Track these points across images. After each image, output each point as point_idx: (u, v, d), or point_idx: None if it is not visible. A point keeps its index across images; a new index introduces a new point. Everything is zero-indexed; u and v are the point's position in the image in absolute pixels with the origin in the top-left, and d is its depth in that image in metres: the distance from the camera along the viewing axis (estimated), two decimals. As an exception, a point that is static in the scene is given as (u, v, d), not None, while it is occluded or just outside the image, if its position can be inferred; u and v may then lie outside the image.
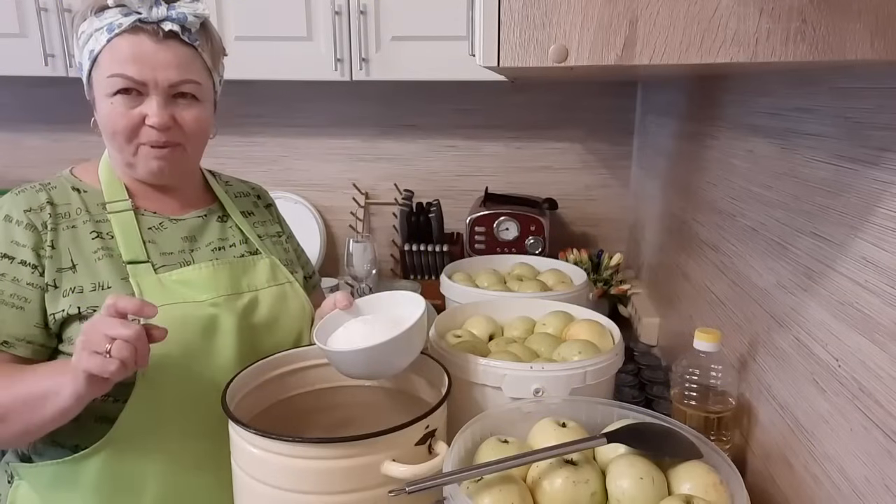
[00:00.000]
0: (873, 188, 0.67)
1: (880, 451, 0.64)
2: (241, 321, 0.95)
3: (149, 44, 0.88)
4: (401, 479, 0.72)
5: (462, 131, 2.05)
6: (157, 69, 0.88)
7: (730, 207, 1.11)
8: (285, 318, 1.00)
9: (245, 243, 1.03)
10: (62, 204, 0.93)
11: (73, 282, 0.89)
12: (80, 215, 0.93)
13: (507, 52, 0.56)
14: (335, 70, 1.65)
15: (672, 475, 0.72)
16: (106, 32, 0.88)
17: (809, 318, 0.80)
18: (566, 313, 1.12)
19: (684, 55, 0.54)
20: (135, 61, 0.88)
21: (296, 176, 2.11)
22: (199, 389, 0.90)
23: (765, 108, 0.98)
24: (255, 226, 1.08)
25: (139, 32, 0.88)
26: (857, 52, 0.52)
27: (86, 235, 0.92)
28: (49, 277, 0.88)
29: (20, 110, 2.12)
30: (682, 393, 0.93)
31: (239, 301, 0.96)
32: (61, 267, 0.89)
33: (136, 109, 0.89)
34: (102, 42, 0.88)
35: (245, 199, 1.12)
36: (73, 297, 0.88)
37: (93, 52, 0.89)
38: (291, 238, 1.17)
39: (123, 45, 0.88)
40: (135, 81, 0.88)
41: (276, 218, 1.16)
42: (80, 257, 0.90)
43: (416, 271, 1.93)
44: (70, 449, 0.90)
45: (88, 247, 0.91)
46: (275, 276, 1.02)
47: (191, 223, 1.00)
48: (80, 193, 0.95)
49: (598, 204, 2.07)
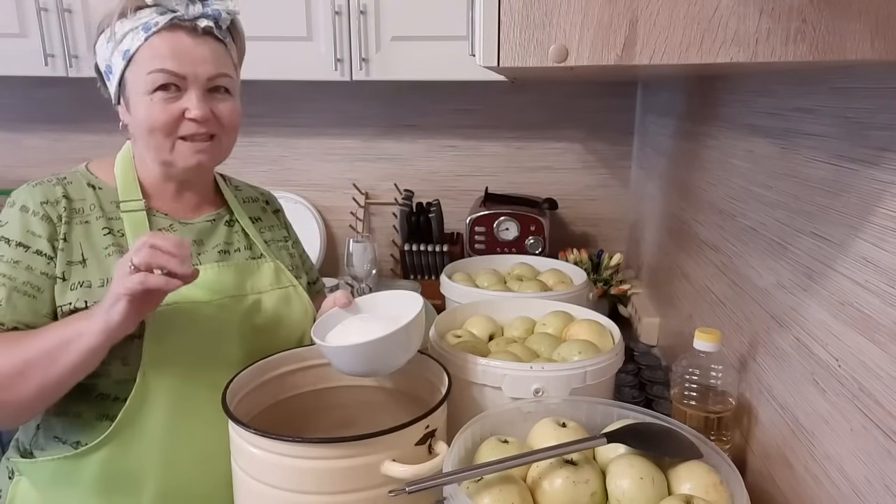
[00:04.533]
0: (873, 188, 0.67)
1: (880, 451, 0.64)
2: (244, 323, 0.96)
3: (187, 40, 0.90)
4: (401, 479, 0.72)
5: (462, 131, 2.04)
6: (195, 64, 0.91)
7: (730, 207, 1.11)
8: (288, 320, 1.01)
9: (250, 249, 1.04)
10: (77, 199, 0.94)
11: (82, 276, 0.90)
12: (94, 211, 0.94)
13: (507, 52, 0.56)
14: (335, 70, 1.65)
15: (672, 475, 0.72)
16: (142, 31, 0.89)
17: (809, 318, 0.80)
18: (566, 313, 1.12)
19: (684, 55, 0.54)
20: (174, 56, 0.89)
21: (296, 176, 2.11)
22: (200, 389, 0.91)
23: (765, 108, 0.98)
24: (261, 231, 1.09)
25: (176, 30, 0.90)
26: (857, 52, 0.52)
27: (98, 231, 0.93)
28: (59, 269, 0.89)
29: (20, 110, 2.12)
30: (682, 393, 0.93)
31: (242, 303, 0.96)
32: (72, 260, 0.90)
33: (176, 104, 0.91)
34: (140, 41, 0.89)
35: (254, 204, 1.13)
36: (81, 291, 0.89)
37: (128, 51, 0.90)
38: (297, 244, 1.18)
39: (162, 43, 0.89)
40: (175, 76, 0.89)
41: (283, 224, 1.17)
42: (91, 252, 0.92)
43: (416, 271, 1.93)
44: (72, 445, 0.90)
45: (100, 242, 0.93)
46: (279, 279, 1.03)
47: (200, 227, 1.01)
48: (95, 190, 0.96)
49: (598, 204, 2.07)
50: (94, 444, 0.88)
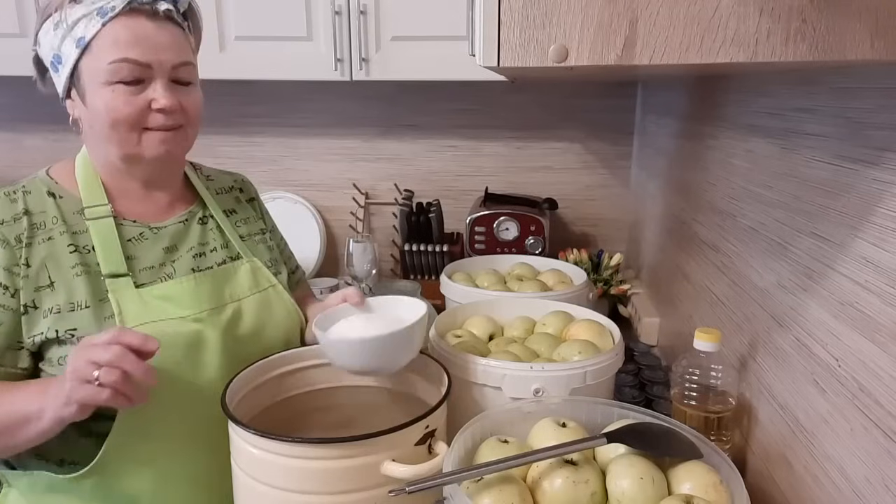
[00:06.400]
0: (873, 188, 0.67)
1: (880, 451, 0.64)
2: (226, 334, 0.92)
3: (148, 25, 0.85)
4: (401, 479, 0.72)
5: (462, 131, 2.04)
6: (159, 51, 0.85)
7: (730, 207, 1.11)
8: (271, 326, 0.98)
9: (226, 247, 1.00)
10: (38, 213, 0.88)
11: (52, 301, 0.85)
12: (57, 225, 0.88)
13: (507, 52, 0.56)
14: (335, 70, 1.65)
15: (672, 475, 0.72)
16: (98, 17, 0.83)
17: (809, 318, 0.80)
18: (566, 313, 1.12)
19: (684, 55, 0.54)
20: (136, 44, 0.84)
21: (296, 176, 2.11)
22: (186, 406, 0.88)
23: (765, 108, 0.98)
24: (237, 225, 1.05)
25: (135, 14, 0.85)
26: (857, 52, 0.52)
27: (63, 249, 0.87)
28: (27, 298, 0.84)
29: (20, 110, 2.12)
30: (682, 393, 0.93)
31: (223, 314, 0.93)
32: (39, 286, 0.85)
33: (141, 95, 0.86)
34: (96, 27, 0.83)
35: (227, 195, 1.08)
36: (52, 319, 0.84)
37: (83, 39, 0.84)
38: (275, 232, 1.14)
39: (122, 29, 0.84)
40: (139, 65, 0.84)
41: (259, 212, 1.12)
42: (58, 274, 0.86)
43: (416, 271, 1.93)
44: (56, 463, 0.88)
45: (66, 262, 0.87)
46: (257, 281, 0.99)
47: (172, 230, 0.96)
48: (56, 199, 0.90)
49: (598, 204, 2.07)
50: (84, 472, 0.85)
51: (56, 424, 0.78)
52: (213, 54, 1.64)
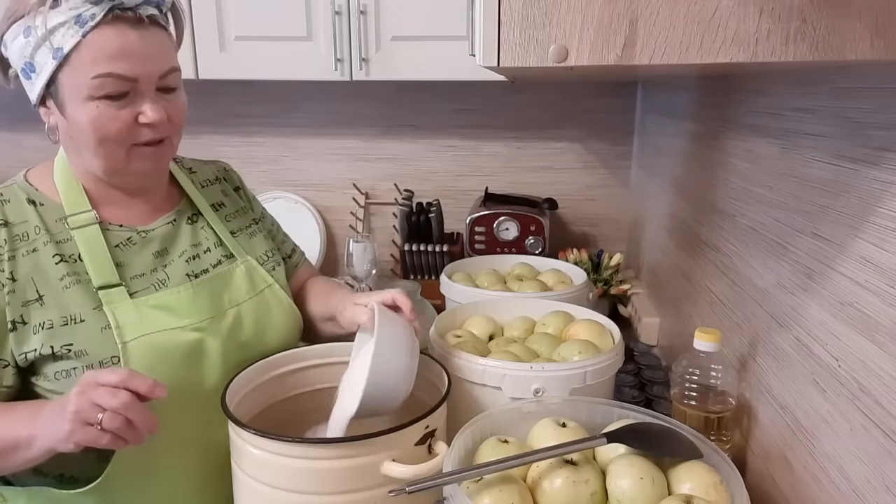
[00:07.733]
0: (873, 188, 0.67)
1: (880, 451, 0.64)
2: (228, 341, 0.90)
3: (132, 35, 0.79)
4: (401, 479, 0.72)
5: (462, 131, 2.04)
6: (146, 62, 0.80)
7: (730, 207, 1.11)
8: (270, 331, 0.96)
9: (220, 246, 0.97)
10: (19, 223, 0.84)
11: (42, 316, 0.81)
12: (40, 235, 0.83)
13: (507, 52, 0.56)
14: (335, 70, 1.65)
15: (672, 475, 0.72)
16: (77, 27, 0.76)
17: (809, 318, 0.80)
18: (566, 313, 1.12)
19: (684, 55, 0.54)
20: (122, 57, 0.78)
21: (296, 176, 2.11)
22: (189, 416, 0.86)
23: (765, 108, 0.98)
24: (227, 220, 1.01)
25: (118, 23, 0.78)
26: (857, 52, 0.52)
27: (48, 260, 0.83)
28: (14, 314, 0.80)
29: (20, 110, 2.11)
30: (682, 393, 0.93)
31: (223, 321, 0.90)
32: (27, 300, 0.81)
33: (127, 110, 0.81)
34: (76, 38, 0.76)
35: (213, 187, 1.04)
36: (44, 335, 0.80)
37: (61, 50, 0.77)
38: (265, 219, 1.11)
39: (104, 40, 0.77)
40: (126, 80, 0.79)
41: (247, 201, 1.09)
42: (47, 287, 0.82)
43: (416, 271, 1.93)
44: (55, 478, 0.86)
45: (53, 273, 0.82)
46: (253, 283, 0.96)
47: (160, 233, 0.92)
48: (37, 207, 0.86)
49: (598, 204, 2.07)
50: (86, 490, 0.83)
51: (46, 454, 0.75)
52: (213, 54, 1.65)
